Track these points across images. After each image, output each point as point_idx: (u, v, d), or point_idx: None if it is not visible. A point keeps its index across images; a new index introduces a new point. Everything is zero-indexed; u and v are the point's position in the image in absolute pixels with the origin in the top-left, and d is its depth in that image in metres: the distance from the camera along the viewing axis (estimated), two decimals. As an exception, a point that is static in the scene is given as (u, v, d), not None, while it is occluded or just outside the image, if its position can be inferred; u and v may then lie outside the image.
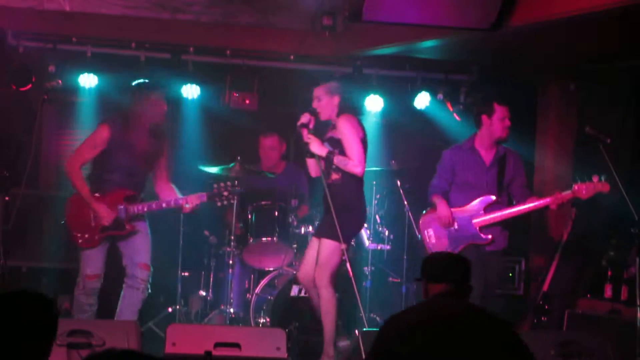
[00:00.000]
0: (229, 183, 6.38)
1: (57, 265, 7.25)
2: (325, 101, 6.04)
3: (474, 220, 6.32)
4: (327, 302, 5.96)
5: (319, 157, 5.95)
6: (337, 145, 5.97)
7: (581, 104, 7.69)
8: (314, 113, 6.04)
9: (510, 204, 6.40)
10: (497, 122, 6.31)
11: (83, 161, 6.22)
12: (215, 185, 6.39)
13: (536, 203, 6.25)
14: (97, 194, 6.14)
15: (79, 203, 6.15)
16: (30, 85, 7.12)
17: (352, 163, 5.94)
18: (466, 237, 6.30)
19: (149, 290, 6.26)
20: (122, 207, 6.13)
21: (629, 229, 6.33)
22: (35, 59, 7.05)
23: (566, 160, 7.65)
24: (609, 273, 6.83)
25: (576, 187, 6.18)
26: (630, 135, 7.54)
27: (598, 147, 6.36)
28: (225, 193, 6.36)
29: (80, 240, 6.15)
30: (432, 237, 6.48)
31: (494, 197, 6.33)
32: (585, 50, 6.84)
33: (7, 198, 6.33)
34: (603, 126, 6.61)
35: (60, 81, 7.01)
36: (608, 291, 6.77)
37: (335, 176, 5.98)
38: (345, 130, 5.99)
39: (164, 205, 6.22)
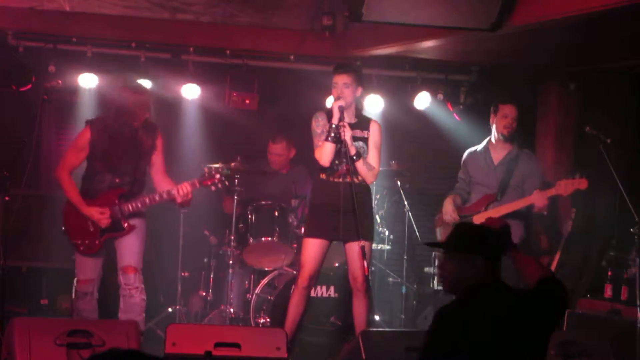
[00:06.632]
0: (219, 165, 6.19)
1: (57, 265, 7.24)
2: (351, 89, 5.92)
3: (474, 218, 6.49)
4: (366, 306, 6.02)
5: (345, 148, 5.81)
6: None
7: (581, 104, 7.69)
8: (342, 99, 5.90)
9: None
10: (499, 119, 6.57)
11: (70, 167, 6.07)
12: (205, 169, 6.20)
13: (521, 201, 6.44)
14: (90, 198, 6.00)
15: (74, 209, 6.04)
16: (30, 85, 7.11)
17: (375, 172, 5.96)
18: None
19: (142, 294, 6.03)
20: (116, 207, 6.00)
21: (629, 229, 6.34)
22: (35, 59, 7.04)
23: (566, 161, 7.65)
24: (609, 273, 6.84)
25: (556, 184, 6.38)
26: (630, 135, 7.54)
27: (598, 147, 6.38)
28: (217, 176, 6.13)
29: (81, 248, 6.03)
30: (442, 235, 6.77)
31: (494, 195, 6.53)
32: (585, 50, 6.84)
33: (7, 198, 6.31)
34: (603, 126, 6.61)
35: (60, 81, 7.01)
36: (608, 291, 6.78)
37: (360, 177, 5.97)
38: (376, 137, 6.01)
39: (157, 198, 6.03)
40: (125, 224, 6.04)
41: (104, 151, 6.03)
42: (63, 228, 6.13)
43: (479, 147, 6.76)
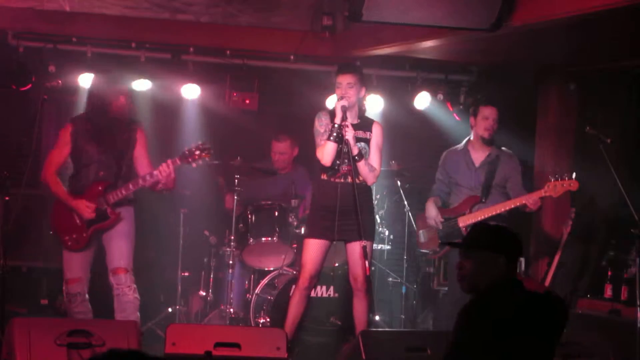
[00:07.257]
0: (199, 142, 6.14)
1: (57, 265, 7.22)
2: (355, 89, 5.92)
3: (459, 220, 6.49)
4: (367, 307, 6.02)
5: (347, 147, 5.80)
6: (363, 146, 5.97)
7: (581, 104, 7.69)
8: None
9: None
10: (480, 121, 6.54)
11: (56, 165, 6.12)
12: (185, 147, 6.15)
13: (510, 202, 6.43)
14: (77, 194, 6.05)
15: (60, 206, 6.10)
16: (30, 85, 7.11)
17: (376, 173, 5.96)
18: (454, 236, 6.39)
19: (135, 293, 6.04)
20: (101, 197, 6.03)
21: (629, 229, 6.34)
22: (35, 59, 7.04)
23: (566, 161, 7.65)
24: (609, 273, 6.84)
25: (545, 185, 6.35)
26: (630, 135, 7.54)
27: (598, 147, 6.38)
28: (197, 152, 6.09)
29: (69, 243, 6.06)
30: (424, 237, 6.83)
31: (479, 197, 6.52)
32: (585, 50, 6.84)
33: (7, 198, 6.31)
34: (603, 126, 6.61)
35: (60, 81, 7.01)
36: (608, 291, 6.78)
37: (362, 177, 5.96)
38: (378, 138, 6.01)
39: (140, 182, 6.02)
40: (111, 213, 6.05)
41: (86, 144, 6.07)
42: (52, 227, 6.18)
43: (459, 146, 6.72)
